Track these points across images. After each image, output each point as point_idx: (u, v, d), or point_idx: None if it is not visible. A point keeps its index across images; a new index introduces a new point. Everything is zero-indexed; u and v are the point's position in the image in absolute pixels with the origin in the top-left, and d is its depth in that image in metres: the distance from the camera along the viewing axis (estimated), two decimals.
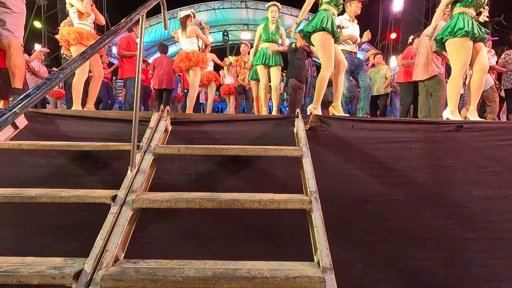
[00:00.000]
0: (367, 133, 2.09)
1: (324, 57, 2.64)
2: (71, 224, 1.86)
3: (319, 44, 2.66)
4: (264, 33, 3.91)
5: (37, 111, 2.20)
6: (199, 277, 1.10)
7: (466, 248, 1.92)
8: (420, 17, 10.61)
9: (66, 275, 1.08)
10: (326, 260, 1.18)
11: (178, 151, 1.72)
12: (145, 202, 1.38)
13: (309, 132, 2.02)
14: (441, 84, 3.74)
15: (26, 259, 1.20)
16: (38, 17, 10.97)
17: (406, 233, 1.93)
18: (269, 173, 2.01)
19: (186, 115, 2.37)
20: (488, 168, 2.02)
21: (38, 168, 1.97)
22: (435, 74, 3.74)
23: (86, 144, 1.78)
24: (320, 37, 2.65)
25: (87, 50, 1.13)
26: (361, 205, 1.97)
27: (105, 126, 2.11)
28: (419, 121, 2.20)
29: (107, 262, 1.16)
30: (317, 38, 2.67)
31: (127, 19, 1.43)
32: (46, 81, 0.91)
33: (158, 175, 1.78)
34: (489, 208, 1.97)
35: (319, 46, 2.68)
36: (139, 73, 1.61)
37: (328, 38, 2.64)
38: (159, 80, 5.20)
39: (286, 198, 1.41)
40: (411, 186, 2.00)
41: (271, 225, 1.90)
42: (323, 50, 2.64)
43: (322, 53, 2.65)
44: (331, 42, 2.66)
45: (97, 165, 1.98)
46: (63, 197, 1.40)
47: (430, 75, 3.76)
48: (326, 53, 2.64)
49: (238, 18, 15.28)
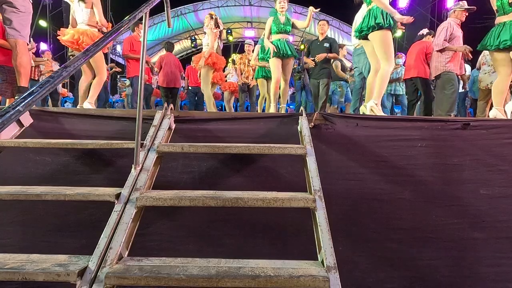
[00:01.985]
0: (372, 131, 2.07)
1: (387, 53, 2.68)
2: (76, 221, 1.88)
3: (385, 40, 2.69)
4: (275, 24, 3.78)
5: (42, 109, 2.21)
6: (203, 275, 1.10)
7: (473, 248, 1.89)
8: (426, 13, 10.48)
9: (71, 272, 1.08)
10: (330, 259, 1.17)
11: (182, 149, 1.72)
12: (149, 200, 1.38)
13: (313, 130, 2.00)
14: (452, 82, 3.69)
15: (31, 256, 1.21)
16: (43, 16, 11.05)
17: (412, 232, 1.91)
18: (273, 172, 2.00)
19: (189, 113, 2.37)
20: (495, 167, 1.99)
21: (43, 166, 1.99)
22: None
23: (90, 142, 1.79)
24: (386, 33, 2.68)
25: (90, 48, 1.13)
26: (366, 203, 1.95)
27: (109, 124, 2.12)
28: (425, 119, 2.17)
29: (111, 260, 1.17)
30: (382, 35, 2.69)
31: (130, 17, 1.42)
32: (49, 79, 0.91)
33: (162, 173, 1.78)
34: (496, 207, 1.93)
35: (381, 42, 2.70)
36: (143, 71, 1.61)
37: (390, 34, 2.70)
38: (167, 79, 5.20)
39: (289, 197, 1.40)
40: (417, 185, 1.97)
41: (274, 223, 1.89)
42: (386, 46, 2.69)
43: (384, 49, 2.69)
44: (391, 38, 2.72)
45: (101, 163, 1.99)
46: (67, 195, 1.41)
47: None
48: (388, 49, 2.69)
49: (242, 16, 15.23)
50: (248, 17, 15.20)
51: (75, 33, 3.01)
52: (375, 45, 2.78)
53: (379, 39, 2.72)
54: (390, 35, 2.71)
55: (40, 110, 2.19)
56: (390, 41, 2.71)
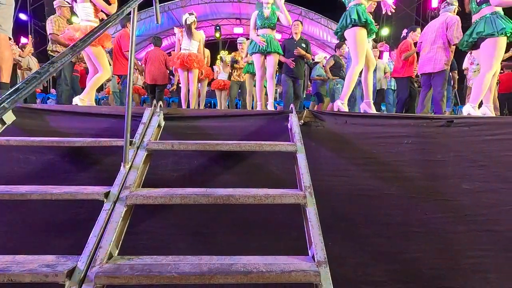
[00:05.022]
0: (360, 128, 2.11)
1: (360, 52, 2.64)
2: (64, 221, 1.83)
3: (356, 39, 2.65)
4: (259, 19, 3.67)
5: (26, 107, 2.14)
6: (195, 272, 1.10)
7: (456, 240, 1.97)
8: (412, 13, 10.70)
9: (59, 273, 1.06)
10: (320, 254, 1.20)
11: (172, 147, 1.70)
12: (139, 199, 1.37)
13: (303, 127, 2.03)
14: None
15: (17, 257, 1.18)
16: (23, 9, 10.62)
17: (399, 226, 1.97)
18: (264, 169, 2.01)
19: (179, 110, 2.35)
20: (477, 162, 2.07)
21: (28, 165, 1.93)
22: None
23: (77, 140, 1.75)
24: (359, 31, 2.64)
25: (78, 43, 1.10)
26: (354, 199, 1.99)
27: (97, 122, 2.07)
28: (411, 116, 2.23)
29: (100, 259, 1.15)
30: (354, 33, 2.65)
31: (118, 12, 1.39)
32: (36, 75, 0.88)
33: (152, 171, 1.76)
34: (477, 201, 2.02)
35: (355, 41, 2.67)
36: (132, 68, 1.59)
37: (364, 33, 2.65)
38: (152, 76, 5.11)
39: (280, 193, 1.41)
40: (403, 180, 2.03)
41: (266, 220, 1.90)
42: (360, 45, 2.65)
43: (357, 48, 2.65)
44: (365, 37, 2.68)
45: (89, 162, 1.95)
46: (54, 194, 1.38)
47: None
48: (362, 48, 2.65)
49: (230, 12, 15.10)
50: (237, 13, 15.09)
51: (77, 30, 2.93)
52: (347, 43, 2.78)
53: (349, 37, 2.71)
54: (362, 34, 2.65)
55: (24, 107, 2.12)
56: (360, 40, 2.65)
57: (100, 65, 3.05)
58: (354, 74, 2.70)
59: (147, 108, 1.98)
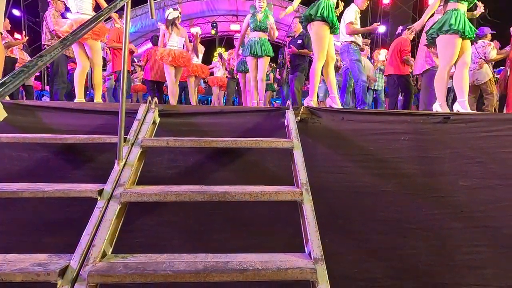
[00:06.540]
0: (357, 125, 2.10)
1: (318, 47, 2.62)
2: (57, 219, 1.81)
3: (316, 33, 2.63)
4: (252, 22, 3.81)
5: (18, 103, 2.10)
6: (190, 270, 1.08)
7: (452, 237, 1.97)
8: (409, 10, 10.69)
9: (51, 271, 1.04)
10: (317, 251, 1.19)
11: (167, 144, 1.68)
12: (133, 196, 1.35)
13: (300, 124, 2.01)
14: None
15: (8, 256, 1.16)
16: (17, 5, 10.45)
17: (395, 223, 1.97)
18: (260, 165, 1.99)
19: (174, 106, 2.32)
20: (473, 159, 2.07)
21: (20, 162, 1.90)
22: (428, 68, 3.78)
23: (70, 137, 1.72)
24: (318, 26, 2.61)
25: (68, 37, 1.07)
26: (351, 196, 1.98)
27: (91, 118, 2.04)
28: (408, 113, 2.22)
29: (94, 258, 1.13)
30: (315, 28, 2.63)
31: (111, 6, 1.36)
32: (23, 68, 0.85)
33: (146, 168, 1.73)
34: (474, 197, 2.02)
35: (315, 36, 2.65)
36: (125, 63, 1.56)
37: (326, 29, 2.62)
38: (153, 72, 5.10)
39: (277, 190, 1.40)
40: (400, 177, 2.03)
41: (262, 217, 1.89)
42: (319, 40, 2.62)
43: (317, 43, 2.63)
44: (327, 33, 2.64)
45: (82, 159, 1.92)
46: (46, 191, 1.35)
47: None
48: (321, 44, 2.62)
49: (227, 9, 14.99)
50: (234, 10, 14.98)
51: (73, 23, 2.87)
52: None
53: (311, 32, 2.69)
54: (322, 29, 2.60)
55: (16, 103, 2.08)
56: (321, 35, 2.60)
57: (97, 60, 3.03)
58: (316, 70, 2.70)
59: (142, 105, 1.96)
